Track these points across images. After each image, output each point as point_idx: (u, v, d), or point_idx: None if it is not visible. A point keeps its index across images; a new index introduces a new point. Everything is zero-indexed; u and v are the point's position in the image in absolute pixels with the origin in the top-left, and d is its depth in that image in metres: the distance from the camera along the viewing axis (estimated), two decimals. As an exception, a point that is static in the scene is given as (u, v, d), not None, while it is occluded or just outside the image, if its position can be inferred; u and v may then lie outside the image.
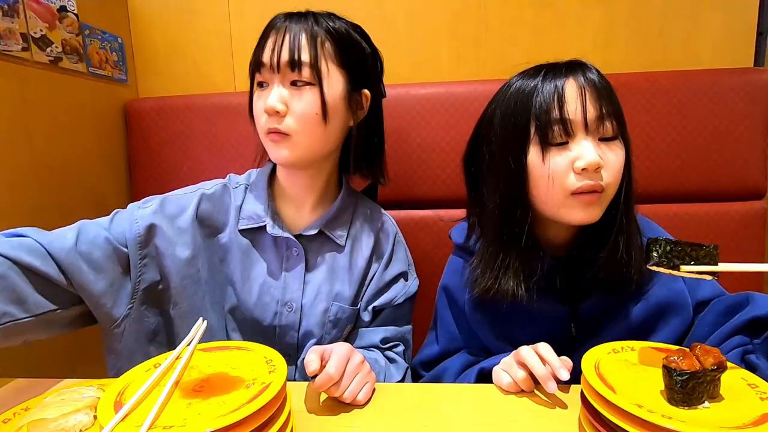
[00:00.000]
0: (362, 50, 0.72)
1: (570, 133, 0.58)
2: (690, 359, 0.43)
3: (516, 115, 0.61)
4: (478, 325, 0.70)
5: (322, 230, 0.73)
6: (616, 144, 0.60)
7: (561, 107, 0.58)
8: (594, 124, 0.58)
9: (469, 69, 1.11)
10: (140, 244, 0.66)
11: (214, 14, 1.13)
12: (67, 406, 0.45)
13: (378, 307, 0.76)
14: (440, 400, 0.57)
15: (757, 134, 0.96)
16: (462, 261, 0.73)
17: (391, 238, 0.79)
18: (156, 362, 0.49)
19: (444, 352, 0.73)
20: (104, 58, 1.07)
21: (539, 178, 0.60)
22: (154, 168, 1.11)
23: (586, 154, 0.57)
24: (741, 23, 1.04)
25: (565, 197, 0.59)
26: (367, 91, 0.73)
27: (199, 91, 1.15)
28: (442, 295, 0.75)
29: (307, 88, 0.66)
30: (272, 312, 0.72)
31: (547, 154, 0.59)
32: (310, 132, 0.67)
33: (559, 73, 0.60)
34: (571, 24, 1.07)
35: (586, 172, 0.57)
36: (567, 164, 0.58)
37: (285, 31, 0.66)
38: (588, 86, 0.58)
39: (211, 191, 0.74)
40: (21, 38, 0.86)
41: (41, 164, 0.91)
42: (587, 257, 0.64)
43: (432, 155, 1.04)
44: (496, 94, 0.67)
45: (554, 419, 0.52)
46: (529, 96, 0.60)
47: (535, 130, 0.59)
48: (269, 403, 0.41)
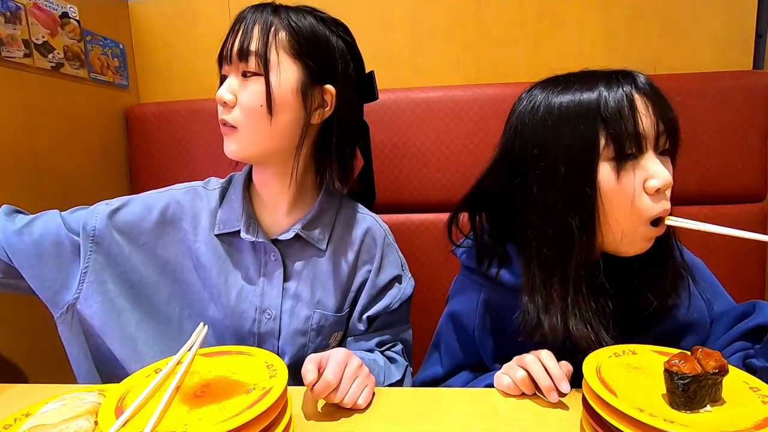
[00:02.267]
0: (328, 43, 0.67)
1: (643, 149, 0.52)
2: (691, 363, 0.43)
3: (579, 127, 0.53)
4: (487, 353, 0.66)
5: (300, 234, 0.70)
6: (668, 159, 0.55)
7: (635, 118, 0.51)
8: (657, 140, 0.53)
9: (469, 73, 1.11)
10: (92, 237, 0.66)
11: (215, 20, 1.14)
12: (67, 411, 0.45)
13: (373, 315, 0.73)
14: (441, 404, 0.57)
15: (757, 137, 0.96)
16: (473, 282, 0.67)
17: (380, 242, 0.75)
18: (157, 367, 0.49)
19: (446, 374, 0.70)
20: (105, 63, 1.08)
21: (612, 198, 0.53)
22: (155, 173, 1.12)
23: (660, 171, 0.51)
24: (740, 26, 1.04)
25: (641, 224, 0.53)
26: (331, 87, 0.67)
27: (200, 96, 1.15)
28: (448, 321, 0.70)
29: (254, 79, 0.63)
30: (251, 319, 0.70)
31: (623, 172, 0.52)
32: (254, 125, 0.64)
33: (617, 82, 0.53)
34: (570, 28, 1.08)
35: (659, 194, 0.52)
36: (639, 183, 0.52)
37: (241, 22, 0.64)
38: (650, 94, 0.53)
39: (182, 192, 0.73)
40: (23, 45, 0.86)
41: (43, 169, 0.91)
42: (635, 292, 0.58)
43: (432, 159, 1.04)
44: (524, 109, 0.58)
45: (555, 423, 0.52)
46: (593, 104, 0.53)
47: (606, 143, 0.52)
48: (270, 408, 0.41)
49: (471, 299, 0.67)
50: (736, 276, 0.98)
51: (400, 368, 0.72)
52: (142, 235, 0.69)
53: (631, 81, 0.54)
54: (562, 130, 0.54)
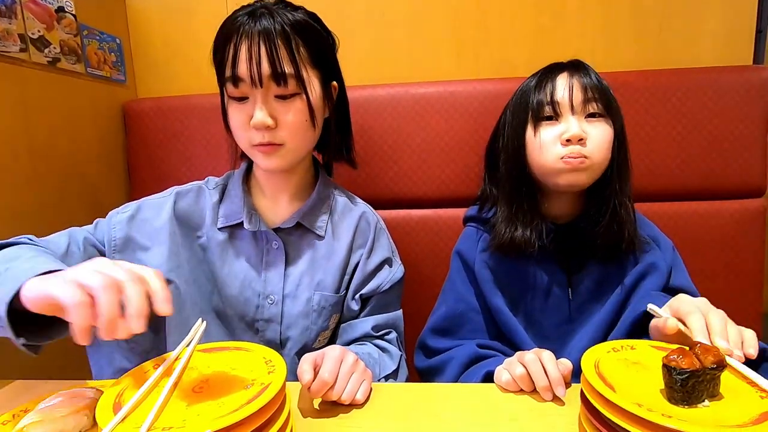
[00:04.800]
0: (324, 39, 0.71)
1: (558, 113, 0.70)
2: (690, 358, 0.43)
3: (519, 104, 0.74)
4: (485, 283, 0.75)
5: (300, 222, 0.74)
6: (600, 121, 0.70)
7: (552, 92, 0.70)
8: (580, 106, 0.69)
9: (469, 68, 1.11)
10: (115, 246, 0.69)
11: (212, 14, 1.13)
12: (65, 407, 0.45)
13: (365, 294, 0.76)
14: (440, 399, 0.57)
15: (757, 132, 0.96)
16: (474, 229, 0.82)
17: (373, 226, 0.79)
18: (155, 363, 0.49)
19: (450, 314, 0.77)
20: (102, 58, 1.07)
21: (533, 149, 0.72)
22: (152, 168, 1.11)
23: (571, 127, 0.68)
24: (740, 21, 1.04)
25: (554, 162, 0.69)
26: (335, 83, 0.75)
27: (197, 91, 1.14)
28: (455, 258, 0.82)
29: (294, 99, 0.66)
30: (254, 306, 0.72)
31: (538, 129, 0.71)
32: (301, 138, 0.69)
33: (555, 69, 0.72)
34: (571, 23, 1.07)
35: (571, 143, 0.68)
36: (555, 137, 0.69)
37: (258, 38, 0.62)
38: (576, 74, 0.70)
39: (187, 190, 0.76)
40: (19, 39, 0.85)
41: (40, 165, 0.91)
42: (585, 225, 0.72)
43: (431, 154, 1.04)
44: (514, 93, 0.79)
45: (554, 419, 0.52)
46: (529, 88, 0.73)
47: (531, 113, 0.71)
48: (269, 403, 0.41)
49: (472, 240, 0.81)
50: (735, 272, 0.98)
51: (395, 359, 0.74)
52: (158, 235, 0.70)
53: (567, 67, 0.72)
54: (512, 107, 0.77)
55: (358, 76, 1.13)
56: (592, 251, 0.73)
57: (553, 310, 0.75)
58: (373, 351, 0.72)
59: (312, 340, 0.74)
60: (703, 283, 0.98)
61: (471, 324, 0.76)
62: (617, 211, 0.70)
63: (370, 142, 1.04)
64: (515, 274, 0.75)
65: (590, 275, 0.74)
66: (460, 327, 0.76)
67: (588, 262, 0.74)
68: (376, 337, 0.76)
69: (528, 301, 0.75)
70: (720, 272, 0.98)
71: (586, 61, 0.73)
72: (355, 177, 1.03)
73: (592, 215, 0.72)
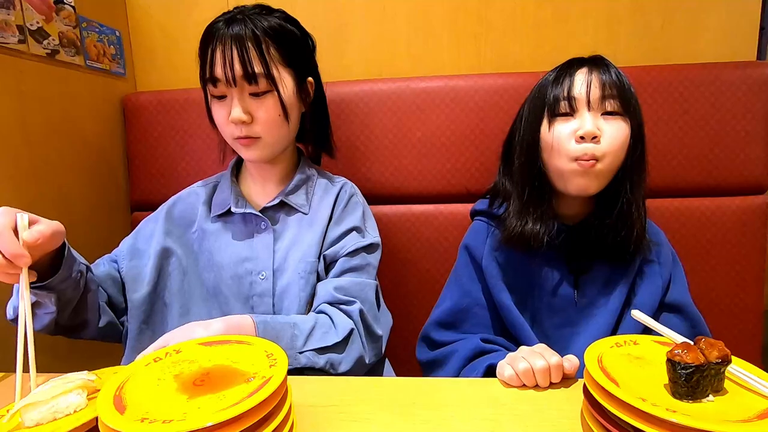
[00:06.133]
0: (299, 41, 0.78)
1: (574, 109, 0.68)
2: (694, 353, 0.43)
3: (536, 99, 0.73)
4: (492, 279, 0.75)
5: (284, 201, 0.80)
6: (617, 119, 0.68)
7: (570, 88, 0.69)
8: (597, 103, 0.67)
9: (470, 63, 1.10)
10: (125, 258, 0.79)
11: (212, 7, 1.12)
12: (58, 389, 0.45)
13: (329, 257, 0.78)
14: (442, 393, 0.57)
15: (759, 128, 0.96)
16: (483, 224, 0.81)
17: (346, 197, 0.84)
18: (156, 356, 0.49)
19: (455, 308, 0.77)
20: (102, 51, 1.06)
21: (546, 145, 0.70)
22: (152, 161, 1.10)
23: (585, 124, 0.67)
24: (743, 17, 1.03)
25: (566, 163, 0.68)
26: (311, 79, 0.81)
27: (197, 84, 1.12)
28: (463, 252, 0.82)
29: (266, 96, 0.73)
30: (248, 283, 0.77)
31: (553, 124, 0.69)
32: (275, 132, 0.75)
33: (575, 63, 0.71)
34: (573, 18, 1.07)
35: (584, 140, 0.66)
36: (569, 133, 0.68)
37: (230, 42, 0.69)
38: (596, 70, 0.68)
39: (184, 194, 0.85)
40: (17, 30, 0.85)
41: (38, 157, 0.90)
42: (593, 224, 0.72)
43: (432, 150, 1.03)
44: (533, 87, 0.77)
45: (557, 413, 0.52)
46: (548, 82, 0.72)
47: (547, 107, 0.70)
48: (270, 397, 0.41)
49: (480, 235, 0.80)
50: (737, 269, 0.98)
51: (340, 331, 0.70)
52: (152, 235, 0.79)
53: (588, 62, 0.70)
54: (529, 102, 0.76)
55: (359, 70, 1.12)
56: (600, 252, 0.73)
57: (558, 310, 0.74)
58: (308, 320, 0.70)
59: (303, 307, 0.76)
60: (705, 279, 0.99)
61: (476, 318, 0.76)
62: (628, 211, 0.70)
63: (370, 136, 1.04)
64: (523, 271, 0.75)
65: (597, 277, 0.74)
66: (465, 321, 0.76)
67: (595, 264, 0.74)
68: (338, 302, 0.73)
69: (534, 299, 0.75)
70: (721, 269, 0.98)
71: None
72: (355, 172, 1.03)
73: (603, 216, 0.71)
